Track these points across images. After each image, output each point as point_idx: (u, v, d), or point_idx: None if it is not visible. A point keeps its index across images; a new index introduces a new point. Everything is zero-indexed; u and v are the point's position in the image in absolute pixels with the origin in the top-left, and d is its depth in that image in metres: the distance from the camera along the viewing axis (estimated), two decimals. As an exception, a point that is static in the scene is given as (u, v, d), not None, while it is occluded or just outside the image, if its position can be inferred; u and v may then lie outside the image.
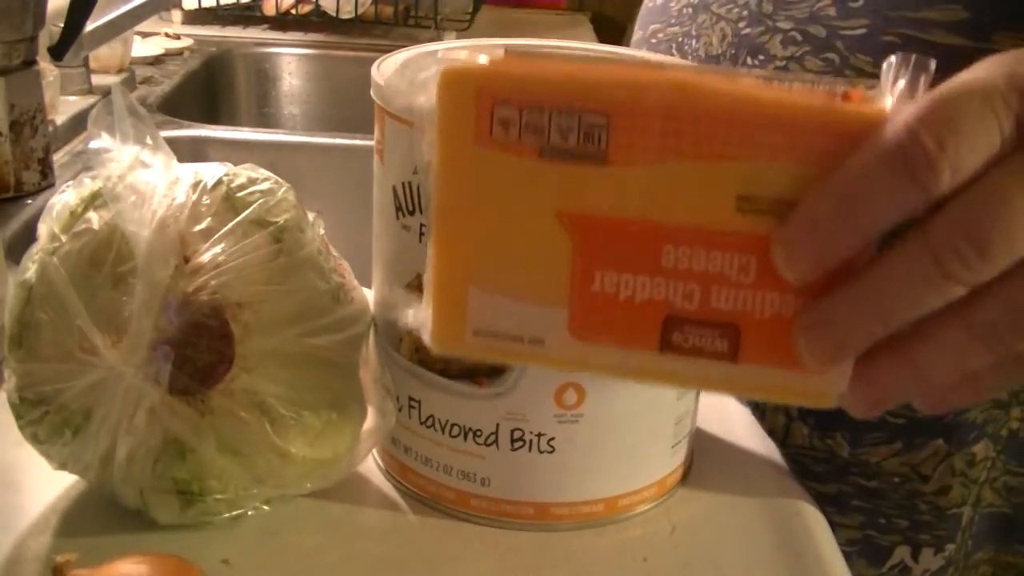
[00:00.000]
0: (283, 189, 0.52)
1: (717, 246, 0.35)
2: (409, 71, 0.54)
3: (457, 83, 0.36)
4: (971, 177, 0.32)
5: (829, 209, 0.33)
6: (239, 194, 0.50)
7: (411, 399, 0.53)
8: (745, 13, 0.60)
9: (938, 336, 0.34)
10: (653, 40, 0.70)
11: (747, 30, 0.60)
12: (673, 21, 0.67)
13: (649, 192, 0.35)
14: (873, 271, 0.34)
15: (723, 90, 0.34)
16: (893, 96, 0.34)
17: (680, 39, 0.66)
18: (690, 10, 0.66)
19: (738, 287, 0.36)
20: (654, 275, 0.36)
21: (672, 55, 0.66)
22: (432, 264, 0.38)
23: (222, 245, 0.48)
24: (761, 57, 0.60)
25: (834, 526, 0.56)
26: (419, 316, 0.40)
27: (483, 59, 0.36)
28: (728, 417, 0.63)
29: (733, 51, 0.62)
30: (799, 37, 0.56)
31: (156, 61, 1.39)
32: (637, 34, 0.75)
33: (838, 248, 0.34)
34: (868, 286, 0.34)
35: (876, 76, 0.45)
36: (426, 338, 0.39)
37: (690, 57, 0.65)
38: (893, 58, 0.34)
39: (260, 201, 0.50)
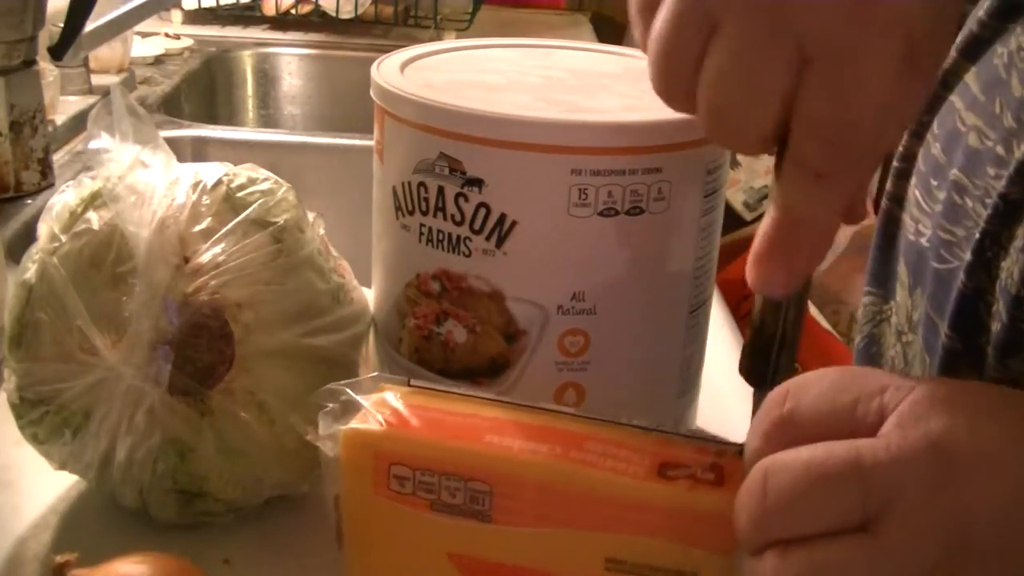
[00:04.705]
0: (283, 189, 0.52)
1: None
2: (411, 71, 0.54)
3: (357, 444, 0.42)
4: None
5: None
6: (239, 194, 0.50)
7: (411, 399, 0.53)
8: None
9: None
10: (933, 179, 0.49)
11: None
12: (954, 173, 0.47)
13: (528, 548, 0.41)
14: None
15: (590, 473, 0.39)
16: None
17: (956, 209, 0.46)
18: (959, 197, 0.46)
19: None
20: None
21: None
22: None
23: (222, 245, 0.48)
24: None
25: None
26: None
27: (380, 419, 0.41)
28: (731, 429, 0.63)
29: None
30: None
31: (156, 61, 1.39)
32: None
33: None
34: None
35: None
36: None
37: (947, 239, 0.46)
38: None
39: (260, 201, 0.50)
